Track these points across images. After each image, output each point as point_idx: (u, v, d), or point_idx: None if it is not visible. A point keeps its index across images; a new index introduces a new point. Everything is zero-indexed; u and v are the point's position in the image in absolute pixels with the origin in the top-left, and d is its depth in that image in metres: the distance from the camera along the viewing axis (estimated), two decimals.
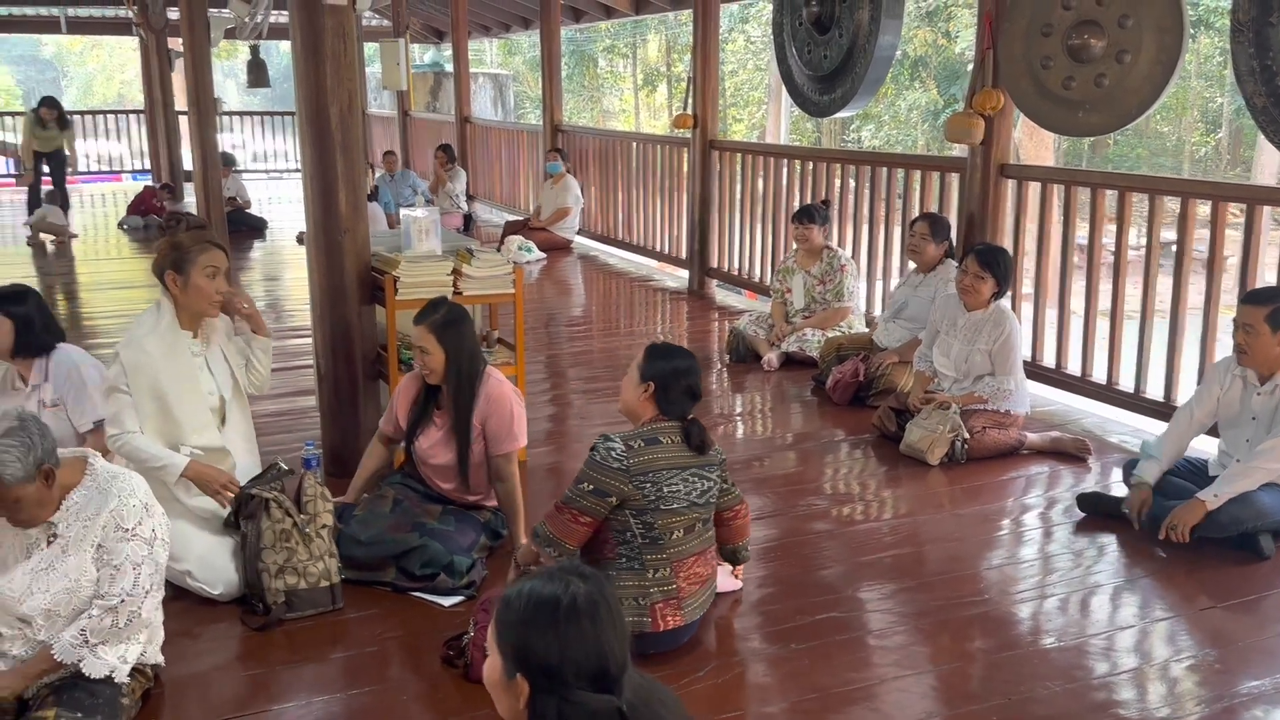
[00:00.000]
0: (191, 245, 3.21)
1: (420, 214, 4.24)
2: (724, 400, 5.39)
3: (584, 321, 7.23)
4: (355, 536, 3.26)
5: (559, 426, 4.91)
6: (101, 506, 2.41)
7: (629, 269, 9.01)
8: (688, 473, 2.79)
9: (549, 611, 1.48)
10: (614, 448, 2.73)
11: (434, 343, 3.32)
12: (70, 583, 2.41)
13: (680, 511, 2.77)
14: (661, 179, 8.74)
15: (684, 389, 2.84)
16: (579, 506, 2.73)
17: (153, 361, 3.16)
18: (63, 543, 2.42)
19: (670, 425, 2.82)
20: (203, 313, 3.26)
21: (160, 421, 3.18)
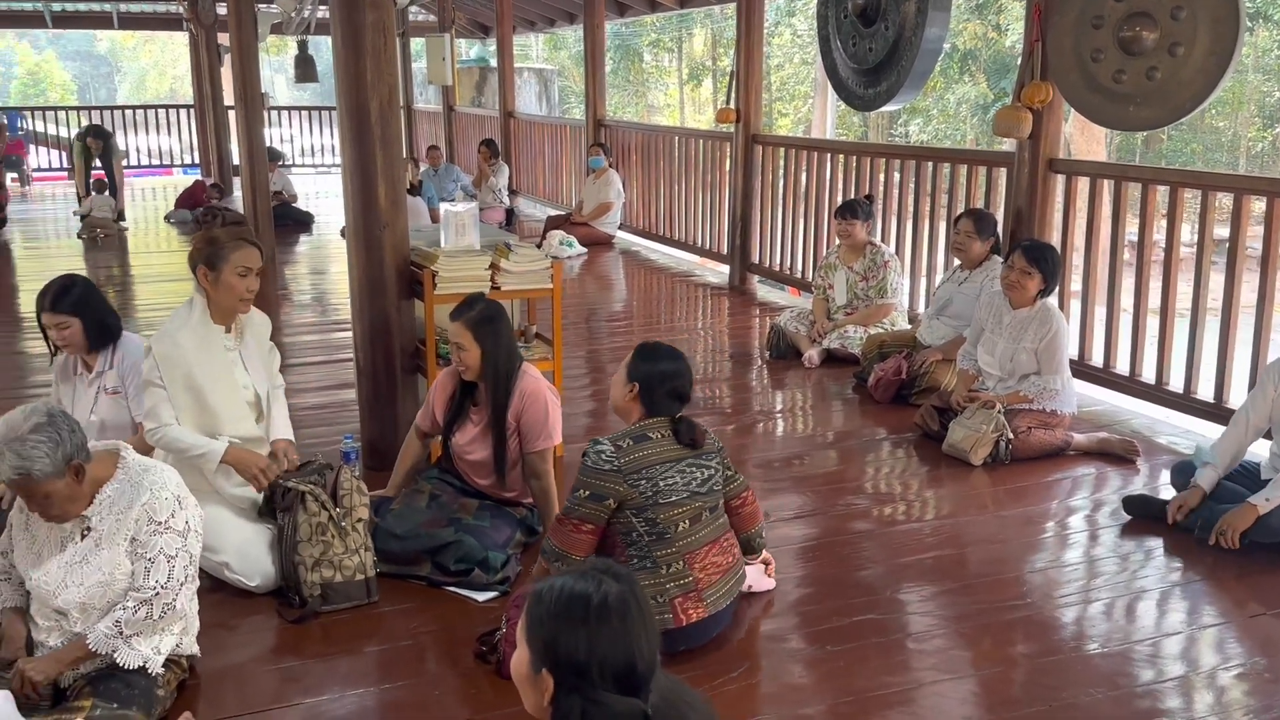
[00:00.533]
0: (226, 242, 3.22)
1: (459, 208, 4.25)
2: (764, 397, 5.35)
3: (624, 317, 7.21)
4: (391, 530, 3.28)
5: (598, 422, 4.89)
6: (134, 500, 2.43)
7: (670, 264, 8.98)
8: (683, 464, 2.77)
9: (579, 608, 1.48)
10: (603, 450, 2.72)
11: (469, 339, 3.32)
12: (104, 576, 2.43)
13: (682, 503, 2.76)
14: (704, 174, 8.70)
15: (669, 391, 2.82)
16: (579, 515, 2.72)
17: (185, 354, 3.19)
18: (96, 536, 2.45)
19: (659, 421, 2.81)
20: (233, 309, 3.27)
21: (196, 413, 3.21)
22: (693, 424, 2.84)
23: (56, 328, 3.43)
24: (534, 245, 4.52)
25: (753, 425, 4.85)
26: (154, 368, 3.18)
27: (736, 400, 5.23)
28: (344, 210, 4.10)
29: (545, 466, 3.38)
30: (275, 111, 16.91)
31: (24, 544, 2.52)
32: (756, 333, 6.61)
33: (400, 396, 4.14)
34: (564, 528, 2.73)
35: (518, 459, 3.42)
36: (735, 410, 5.04)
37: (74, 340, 3.45)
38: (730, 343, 6.39)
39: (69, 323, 3.43)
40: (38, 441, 2.29)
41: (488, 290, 4.04)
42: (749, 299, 7.61)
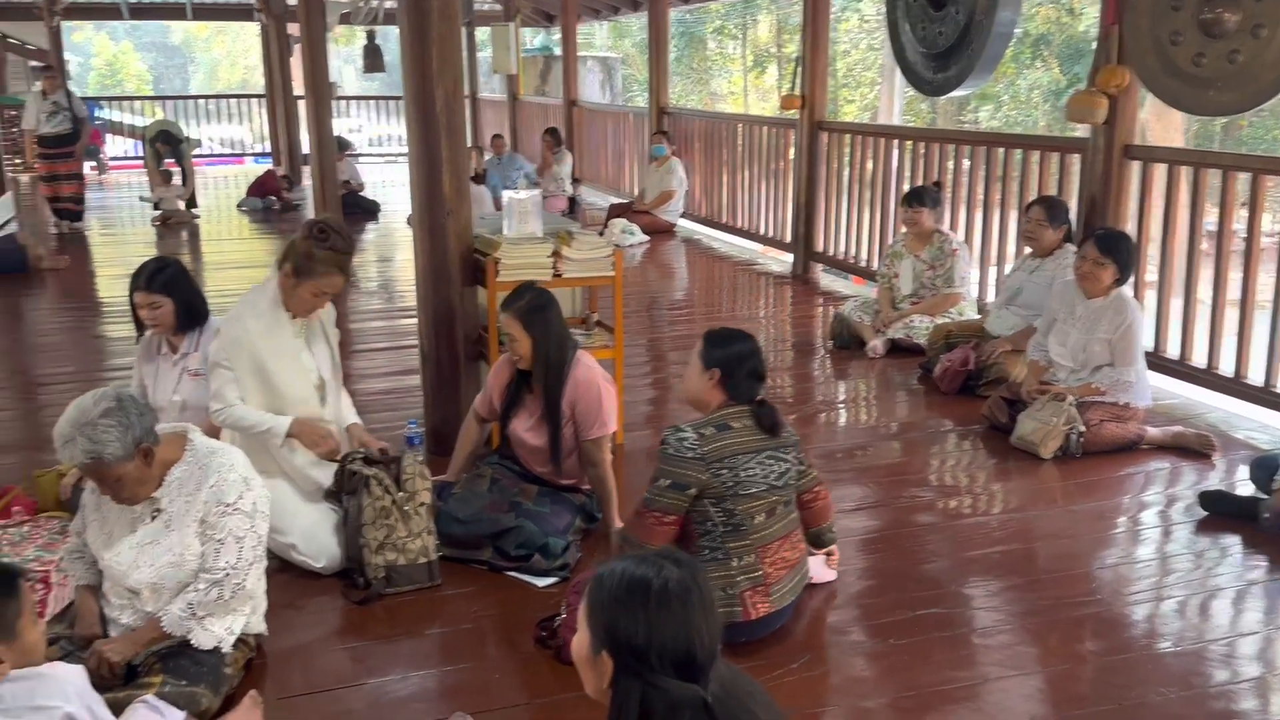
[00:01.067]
0: (320, 267, 3.26)
1: (522, 196, 4.27)
2: (827, 387, 5.31)
3: (686, 305, 7.20)
4: (453, 514, 3.31)
5: (658, 410, 4.90)
6: (202, 482, 2.49)
7: (732, 253, 8.94)
8: (763, 455, 2.75)
9: (640, 593, 1.48)
10: (686, 437, 2.70)
11: (519, 329, 3.34)
12: (174, 557, 2.49)
13: (759, 495, 2.73)
14: (767, 161, 8.64)
15: (749, 372, 2.80)
16: (661, 506, 2.70)
17: (253, 338, 3.26)
18: (166, 518, 2.50)
19: (740, 410, 2.79)
20: (297, 311, 3.34)
21: (263, 395, 3.29)
22: (773, 408, 2.82)
23: (148, 307, 3.52)
24: (596, 233, 4.52)
25: (815, 415, 4.81)
26: (222, 350, 3.26)
27: (799, 390, 5.20)
28: (410, 198, 4.14)
29: (601, 454, 3.39)
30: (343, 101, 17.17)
31: (96, 525, 2.59)
32: (819, 322, 6.55)
33: (463, 383, 4.18)
34: (645, 520, 2.72)
35: (573, 447, 3.44)
36: (797, 400, 5.01)
37: (164, 320, 3.54)
38: (793, 332, 6.34)
39: (161, 302, 3.53)
40: (108, 426, 2.34)
41: (550, 277, 4.06)
42: (812, 288, 7.55)
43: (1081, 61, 18.07)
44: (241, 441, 3.27)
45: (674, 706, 1.44)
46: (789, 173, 8.21)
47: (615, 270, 4.17)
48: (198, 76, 41.80)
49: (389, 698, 2.62)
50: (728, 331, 2.89)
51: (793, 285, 7.62)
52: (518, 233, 4.22)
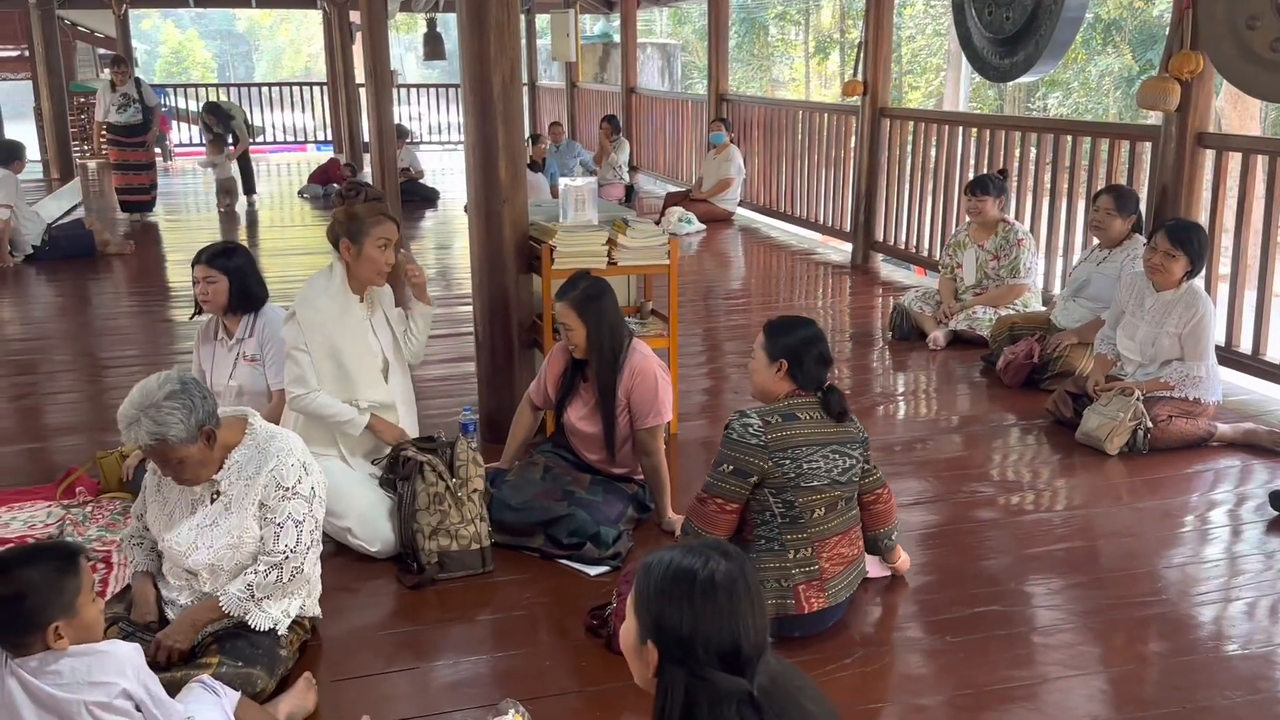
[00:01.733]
0: (367, 217, 3.34)
1: (578, 183, 4.28)
2: (886, 379, 5.26)
3: (743, 295, 7.18)
4: (506, 501, 3.34)
5: (714, 400, 4.88)
6: (261, 465, 2.53)
7: (791, 242, 8.89)
8: (828, 449, 2.72)
9: (686, 583, 1.48)
10: (751, 423, 2.68)
11: (574, 318, 3.35)
12: (233, 539, 2.53)
13: (821, 489, 2.71)
14: (828, 149, 8.57)
15: (816, 357, 2.78)
16: (722, 492, 2.70)
17: (326, 320, 3.32)
18: (226, 500, 2.55)
19: (807, 400, 2.76)
20: (370, 281, 3.40)
21: (335, 378, 3.35)
22: (841, 393, 2.81)
23: (204, 280, 3.60)
24: (652, 221, 4.52)
25: (874, 408, 4.77)
26: (298, 333, 3.33)
27: (858, 382, 5.15)
28: (466, 187, 4.17)
29: (656, 444, 3.40)
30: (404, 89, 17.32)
31: (156, 507, 2.64)
32: (879, 313, 6.49)
33: (517, 371, 4.21)
34: (705, 507, 2.72)
35: (628, 436, 3.44)
36: (856, 392, 4.97)
37: (216, 298, 3.61)
38: (852, 323, 6.30)
39: (216, 279, 3.60)
40: (172, 408, 2.38)
41: (604, 265, 4.06)
42: (872, 278, 7.47)
43: (1154, 47, 17.63)
44: (301, 423, 3.33)
45: (718, 698, 1.44)
46: (850, 160, 8.12)
47: (671, 259, 4.16)
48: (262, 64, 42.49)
49: (440, 682, 2.65)
50: (788, 319, 2.87)
51: (852, 275, 7.56)
52: (573, 220, 4.22)
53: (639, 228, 4.16)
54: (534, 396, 3.67)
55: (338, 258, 3.39)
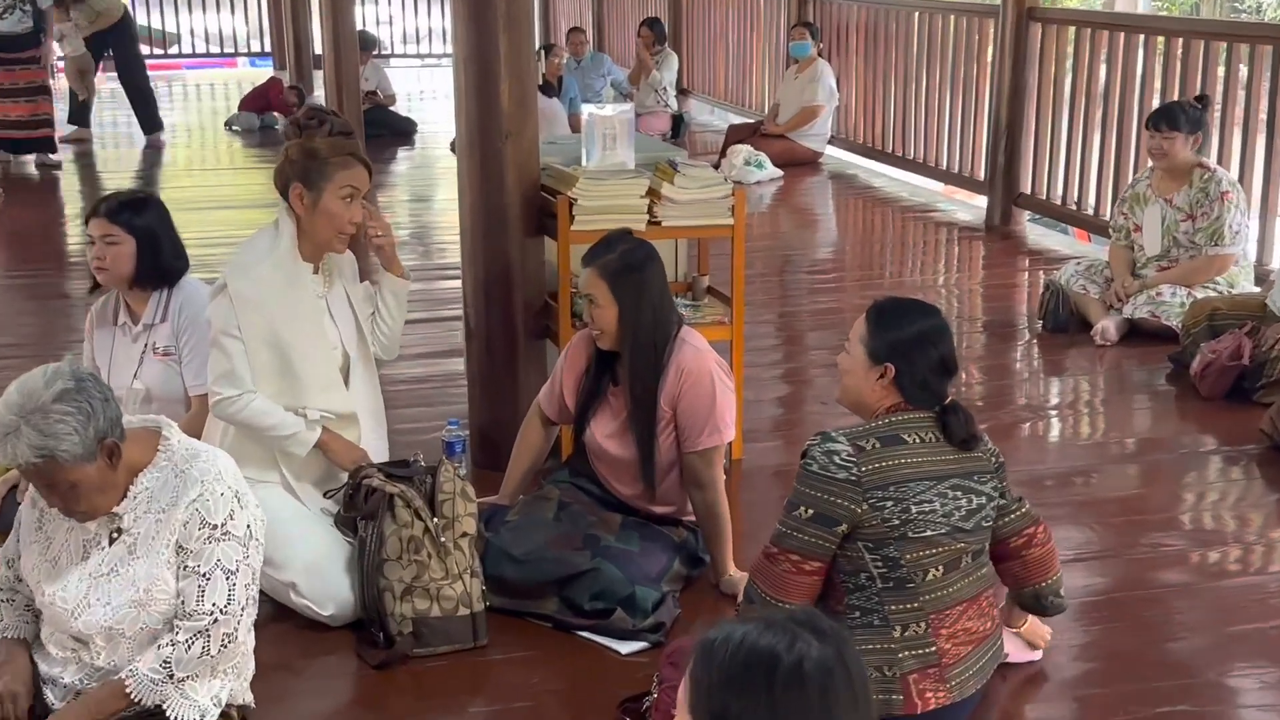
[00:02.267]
0: (331, 156, 3.34)
1: (609, 112, 4.27)
2: (1032, 386, 5.24)
3: (833, 268, 7.16)
4: (507, 550, 3.35)
5: (792, 413, 4.88)
6: (180, 494, 2.54)
7: (901, 194, 8.85)
8: (946, 484, 2.69)
9: (763, 672, 1.48)
10: (838, 451, 2.66)
11: (605, 292, 3.35)
12: (138, 593, 2.54)
13: (938, 540, 2.69)
14: (954, 65, 8.53)
15: (935, 362, 2.74)
16: (799, 545, 2.68)
17: (267, 296, 3.34)
18: (129, 541, 2.56)
19: (918, 417, 2.73)
20: (327, 245, 3.41)
21: (277, 377, 3.36)
22: (968, 413, 2.77)
23: (103, 240, 3.61)
24: (709, 165, 4.50)
25: (1015, 426, 4.75)
26: (229, 313, 3.33)
27: (993, 390, 5.12)
28: (454, 118, 4.18)
29: (712, 473, 3.39)
30: None
31: (37, 549, 2.65)
32: (1025, 294, 6.46)
33: (522, 369, 4.22)
34: (776, 566, 2.71)
35: (674, 460, 3.43)
36: (991, 404, 4.93)
37: (117, 267, 3.63)
38: (986, 307, 6.27)
39: (119, 239, 3.61)
40: (64, 414, 2.38)
41: (643, 225, 4.06)
42: (1015, 245, 7.44)
43: None
44: (231, 439, 3.36)
45: None
46: (985, 81, 8.08)
47: (735, 217, 4.15)
48: None
49: None
50: (901, 304, 2.84)
51: (987, 241, 7.52)
52: (601, 163, 4.22)
53: (692, 174, 4.15)
54: (545, 406, 3.67)
55: (286, 211, 3.40)
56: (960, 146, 8.47)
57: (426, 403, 4.88)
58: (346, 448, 3.44)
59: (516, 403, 4.14)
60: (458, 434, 4.04)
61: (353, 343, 3.53)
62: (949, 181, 8.73)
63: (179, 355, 3.68)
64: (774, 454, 4.43)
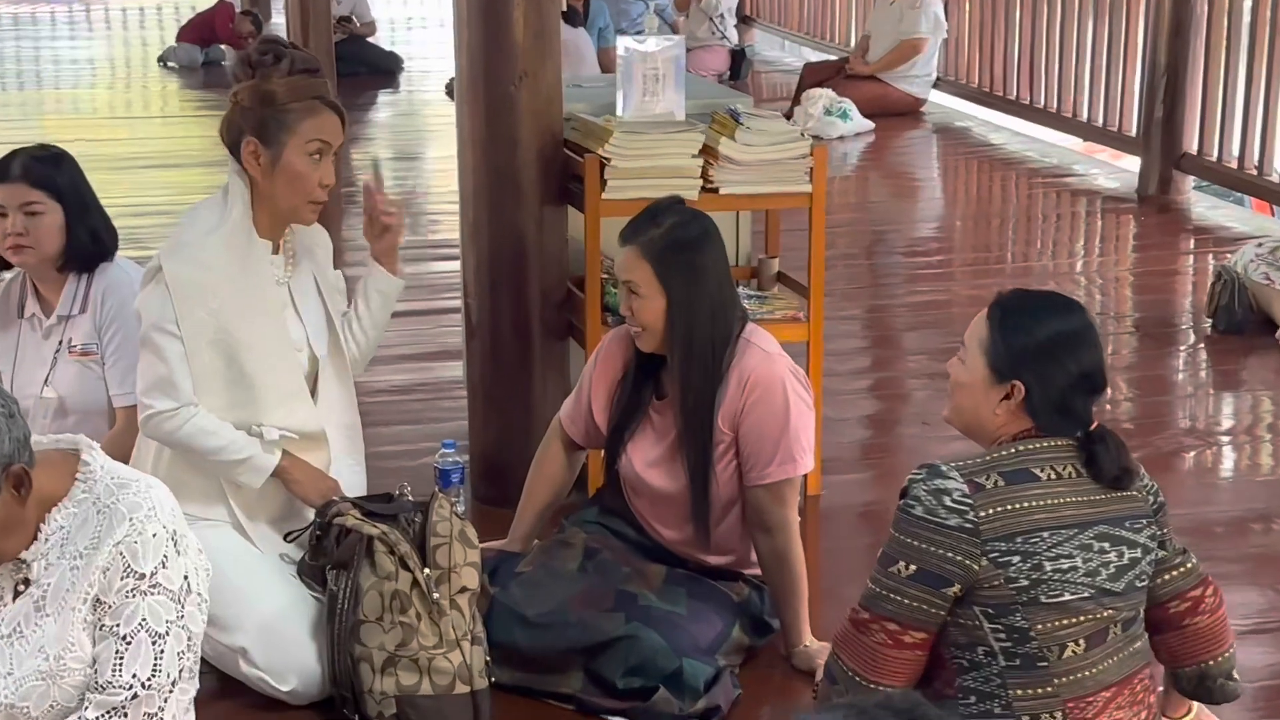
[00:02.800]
0: (291, 101, 3.32)
1: (651, 47, 4.28)
2: (1198, 404, 5.24)
3: (939, 248, 7.17)
4: (518, 611, 3.35)
5: (883, 437, 4.89)
6: (103, 536, 2.54)
7: (1028, 154, 8.85)
8: (1090, 533, 2.68)
9: None
10: (949, 490, 2.64)
11: (649, 277, 3.34)
12: (47, 662, 2.54)
13: (1078, 606, 2.67)
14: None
15: (1076, 378, 2.70)
16: (896, 611, 2.66)
17: (215, 283, 3.34)
18: (37, 594, 2.56)
19: (1054, 445, 2.72)
20: (292, 215, 3.41)
21: (226, 387, 3.37)
22: (1118, 441, 2.74)
23: (21, 210, 3.61)
24: (780, 115, 4.49)
25: (1175, 457, 4.74)
26: (164, 305, 3.32)
27: (1147, 409, 5.12)
28: (453, 52, 4.19)
29: (783, 513, 3.39)
30: None
31: None
32: (1189, 283, 6.48)
33: (537, 377, 4.23)
34: (867, 636, 2.70)
35: (734, 496, 3.44)
36: (1144, 427, 4.91)
37: (43, 240, 3.63)
38: (1138, 301, 6.27)
39: (43, 205, 3.62)
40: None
41: (695, 193, 4.07)
42: (1176, 220, 7.44)
43: None
44: (168, 463, 3.37)
45: None
46: (1139, 10, 8.07)
47: (814, 182, 4.15)
48: None
49: None
50: (1034, 300, 2.81)
51: (1139, 214, 7.52)
52: (641, 112, 4.23)
53: (758, 126, 4.15)
54: (568, 425, 3.67)
55: (238, 173, 3.40)
56: (1106, 93, 8.45)
57: (414, 419, 4.89)
58: (313, 477, 3.45)
59: (530, 420, 4.15)
60: (454, 460, 4.04)
61: (322, 341, 3.53)
62: (1090, 138, 8.73)
63: (101, 355, 3.70)
64: (860, 489, 4.44)
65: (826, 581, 3.74)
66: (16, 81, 11.58)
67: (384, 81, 11.41)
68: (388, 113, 10.62)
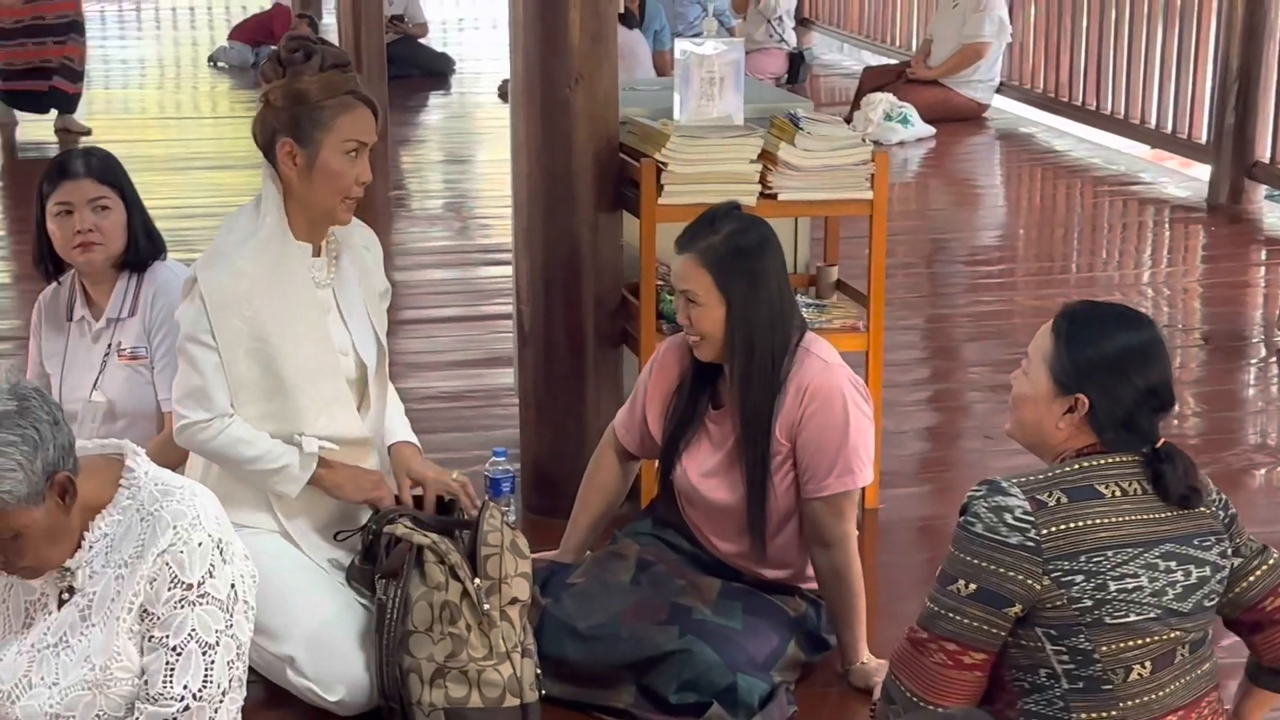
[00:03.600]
0: (324, 98, 3.31)
1: (709, 50, 4.28)
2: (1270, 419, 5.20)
3: (1001, 257, 7.14)
4: (569, 623, 3.36)
5: (943, 450, 4.88)
6: (147, 544, 2.55)
7: (1093, 161, 8.81)
8: (1156, 552, 2.65)
9: None
10: (1010, 506, 2.62)
11: (708, 286, 3.34)
12: (93, 672, 2.56)
13: (1144, 627, 2.65)
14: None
15: (1144, 393, 2.69)
16: (956, 631, 2.64)
17: (251, 290, 3.33)
18: (83, 603, 2.58)
19: (1119, 462, 2.69)
20: (330, 215, 3.40)
21: (264, 397, 3.37)
22: (1185, 459, 2.70)
23: (89, 205, 3.64)
24: (840, 119, 4.48)
25: (1245, 472, 4.71)
26: (200, 314, 3.32)
27: (1216, 424, 5.09)
28: (509, 53, 4.20)
29: (842, 527, 3.38)
30: None
31: None
32: (1260, 295, 6.44)
33: (591, 385, 4.24)
34: (926, 656, 2.68)
35: (792, 509, 3.44)
36: (1213, 443, 4.87)
37: (111, 237, 3.65)
38: (1207, 314, 6.24)
39: (111, 201, 3.66)
40: (5, 445, 2.40)
41: (753, 199, 4.07)
42: (1247, 230, 7.38)
43: None
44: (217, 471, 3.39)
45: None
46: (1210, 13, 8.03)
47: (875, 189, 4.15)
48: None
49: None
50: (1101, 312, 2.78)
51: (1209, 224, 7.47)
52: (699, 116, 4.23)
53: (819, 131, 4.14)
54: (622, 435, 3.68)
55: (271, 176, 3.40)
56: (1175, 99, 8.40)
57: (464, 426, 4.90)
58: (353, 476, 3.43)
59: (583, 429, 4.16)
60: (505, 468, 4.05)
61: (369, 347, 3.52)
62: (1159, 145, 8.67)
63: (151, 358, 3.72)
64: (919, 503, 4.43)
65: (884, 597, 3.73)
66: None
67: (436, 83, 11.42)
68: (439, 115, 10.64)
